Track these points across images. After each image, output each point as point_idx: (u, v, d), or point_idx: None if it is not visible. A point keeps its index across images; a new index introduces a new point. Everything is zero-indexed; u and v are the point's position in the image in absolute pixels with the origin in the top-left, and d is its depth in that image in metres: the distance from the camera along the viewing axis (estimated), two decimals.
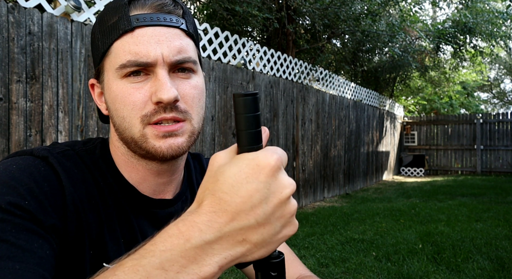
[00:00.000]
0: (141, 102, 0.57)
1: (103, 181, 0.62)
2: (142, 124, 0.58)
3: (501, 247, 3.67)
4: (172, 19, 0.59)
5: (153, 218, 0.66)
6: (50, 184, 0.54)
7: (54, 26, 2.75)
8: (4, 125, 2.48)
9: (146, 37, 0.57)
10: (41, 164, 0.56)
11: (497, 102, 23.23)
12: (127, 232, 0.62)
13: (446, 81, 15.50)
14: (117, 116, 0.60)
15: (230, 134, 4.62)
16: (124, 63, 0.57)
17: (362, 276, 3.05)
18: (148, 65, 0.57)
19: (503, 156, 10.88)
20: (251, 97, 0.40)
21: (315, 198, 6.65)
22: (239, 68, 4.78)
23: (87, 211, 0.57)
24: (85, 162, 0.62)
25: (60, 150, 0.61)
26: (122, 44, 0.57)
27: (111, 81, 0.60)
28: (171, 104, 0.57)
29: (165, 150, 0.58)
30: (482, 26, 9.44)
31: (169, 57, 0.57)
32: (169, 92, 0.56)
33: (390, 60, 10.56)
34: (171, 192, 0.69)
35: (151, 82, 0.58)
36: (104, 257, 0.58)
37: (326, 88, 7.13)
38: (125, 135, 0.60)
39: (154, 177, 0.66)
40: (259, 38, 8.64)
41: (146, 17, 0.57)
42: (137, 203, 0.65)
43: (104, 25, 0.60)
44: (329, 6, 6.54)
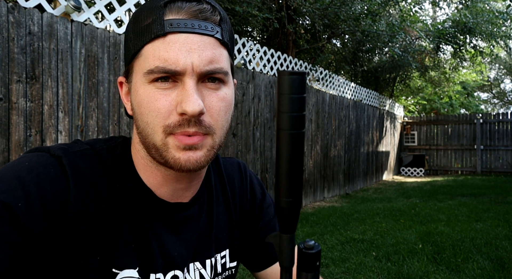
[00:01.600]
0: (166, 111, 0.56)
1: (119, 182, 0.61)
2: (165, 134, 0.56)
3: (501, 247, 3.67)
4: (207, 27, 0.57)
5: (168, 221, 0.65)
6: (54, 188, 0.53)
7: (54, 26, 2.76)
8: (4, 125, 2.48)
9: (178, 44, 0.55)
10: (53, 164, 0.56)
11: (497, 102, 23.23)
12: (140, 236, 0.61)
13: (446, 81, 15.51)
14: (141, 120, 0.58)
15: (230, 135, 4.62)
16: (152, 69, 0.55)
17: (362, 276, 3.05)
18: (176, 74, 0.55)
19: (503, 156, 10.88)
20: (299, 77, 0.37)
21: (315, 198, 6.65)
22: (239, 68, 4.78)
23: (94, 216, 0.56)
24: (104, 161, 0.61)
25: (79, 149, 0.60)
26: (153, 49, 0.56)
27: (138, 85, 0.58)
28: (195, 118, 0.55)
29: (183, 162, 0.57)
30: (482, 26, 9.44)
31: (199, 67, 0.55)
32: (194, 104, 0.54)
33: (390, 60, 10.56)
34: (189, 197, 0.68)
35: (178, 91, 0.56)
36: (113, 262, 0.57)
37: (326, 88, 7.13)
38: (148, 141, 0.58)
39: (173, 183, 0.64)
40: (259, 38, 8.64)
41: (180, 23, 0.55)
42: (153, 206, 0.63)
43: (138, 26, 0.58)
44: (329, 6, 6.54)
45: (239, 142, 4.77)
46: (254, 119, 5.06)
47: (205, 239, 0.69)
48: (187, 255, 0.66)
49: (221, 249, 0.72)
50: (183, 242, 0.66)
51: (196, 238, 0.68)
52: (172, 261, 0.64)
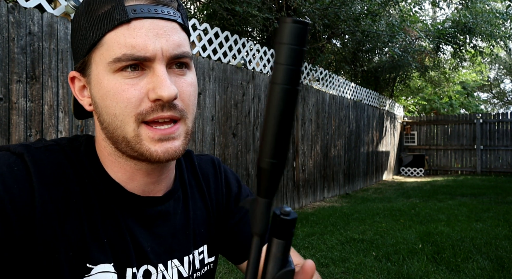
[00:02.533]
0: (137, 99, 0.54)
1: (87, 178, 0.59)
2: (137, 123, 0.54)
3: (501, 247, 3.67)
4: (169, 12, 0.56)
5: (141, 216, 0.62)
6: (20, 186, 0.51)
7: (54, 26, 2.76)
8: (4, 125, 2.48)
9: (144, 30, 0.53)
10: (15, 162, 0.53)
11: (497, 102, 23.23)
12: (113, 231, 0.59)
13: (446, 81, 15.51)
14: (107, 114, 0.55)
15: (230, 135, 4.62)
16: (119, 57, 0.53)
17: (362, 276, 3.05)
18: (146, 60, 0.53)
19: (503, 156, 10.88)
20: (301, 26, 0.33)
21: (315, 198, 6.65)
22: (239, 68, 4.78)
23: (62, 212, 0.54)
24: (70, 158, 0.59)
25: (43, 145, 0.58)
26: (117, 36, 0.53)
27: (101, 76, 0.55)
28: (170, 102, 0.54)
29: (161, 154, 0.55)
30: (482, 26, 9.44)
31: (169, 51, 0.54)
32: (169, 89, 0.53)
33: (390, 60, 10.56)
34: (161, 191, 0.66)
35: (147, 78, 0.54)
36: (86, 257, 0.55)
37: (326, 88, 7.14)
38: (116, 135, 0.56)
39: (143, 177, 0.62)
40: (259, 38, 8.64)
41: (144, 8, 0.54)
42: (124, 201, 0.61)
43: (93, 14, 0.55)
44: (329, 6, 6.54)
45: (239, 142, 4.77)
46: (254, 119, 5.06)
47: (182, 235, 0.67)
48: (162, 251, 0.64)
49: (199, 245, 0.71)
50: (157, 238, 0.64)
51: (173, 235, 0.66)
52: (144, 256, 0.62)
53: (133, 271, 0.60)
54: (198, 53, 4.22)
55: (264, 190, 0.37)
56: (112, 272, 0.57)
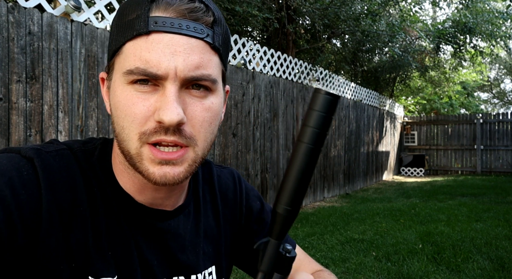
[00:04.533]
0: (143, 117, 0.51)
1: (97, 185, 0.57)
2: (140, 142, 0.52)
3: (501, 247, 3.67)
4: (196, 28, 0.51)
5: (149, 229, 0.60)
6: (28, 192, 0.50)
7: (54, 26, 2.75)
8: (4, 125, 2.48)
9: (161, 45, 0.50)
10: (25, 166, 0.52)
11: (497, 102, 23.23)
12: (118, 243, 0.57)
13: (446, 81, 15.51)
14: (117, 124, 0.54)
15: (230, 135, 4.62)
16: (132, 69, 0.50)
17: (362, 276, 3.05)
18: (158, 78, 0.50)
19: (503, 156, 10.88)
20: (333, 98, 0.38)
21: (315, 198, 6.65)
22: (239, 68, 4.78)
23: (68, 222, 0.53)
24: (80, 163, 0.57)
25: (54, 149, 0.56)
26: (134, 47, 0.50)
27: (117, 84, 0.53)
28: (174, 127, 0.50)
29: (158, 177, 0.52)
30: (482, 26, 9.44)
31: (184, 72, 0.50)
32: (172, 113, 0.49)
33: (390, 60, 10.56)
34: (170, 205, 0.63)
35: (158, 96, 0.51)
36: (89, 270, 0.54)
37: (326, 88, 7.13)
38: (123, 147, 0.54)
39: (152, 191, 0.60)
40: (259, 38, 8.64)
41: (166, 21, 0.50)
42: (132, 212, 0.59)
43: (122, 20, 0.53)
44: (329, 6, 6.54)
45: (239, 142, 4.77)
46: (254, 119, 5.06)
47: (191, 252, 0.65)
48: (168, 267, 0.62)
49: (207, 265, 0.68)
50: (164, 253, 0.62)
51: (181, 251, 0.64)
52: (149, 271, 0.60)
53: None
54: None
55: (277, 233, 0.42)
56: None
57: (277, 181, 5.52)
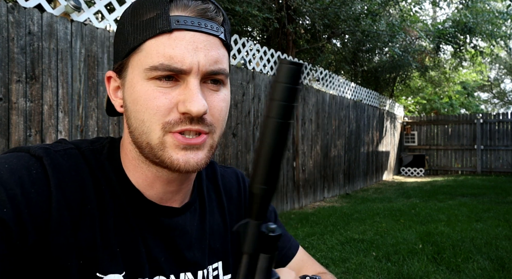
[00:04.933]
0: (166, 109, 0.54)
1: (106, 183, 0.59)
2: (163, 131, 0.54)
3: (501, 247, 3.67)
4: (213, 27, 0.56)
5: (157, 227, 0.62)
6: (38, 191, 0.51)
7: (54, 26, 2.75)
8: (4, 125, 2.48)
9: (184, 42, 0.53)
10: (34, 165, 0.53)
11: (497, 102, 23.23)
12: (126, 240, 0.58)
13: (446, 81, 15.51)
14: (135, 118, 0.56)
15: (230, 134, 4.62)
16: (156, 66, 0.53)
17: (362, 276, 3.05)
18: (182, 72, 0.53)
19: (503, 156, 10.88)
20: (296, 67, 0.37)
21: (315, 198, 6.65)
22: (239, 68, 4.78)
23: (77, 218, 0.54)
24: (89, 162, 0.59)
25: (62, 148, 0.58)
26: (157, 45, 0.53)
27: (135, 81, 0.55)
28: (198, 117, 0.54)
29: (182, 163, 0.55)
30: (482, 26, 9.44)
31: (205, 66, 0.54)
32: (199, 104, 0.53)
33: (390, 60, 10.56)
34: (178, 201, 0.65)
35: (180, 89, 0.54)
36: (97, 266, 0.55)
37: (326, 88, 7.13)
38: (141, 140, 0.56)
39: (163, 185, 0.62)
40: (259, 38, 8.64)
41: (187, 20, 0.54)
42: (141, 208, 0.61)
43: (138, 19, 0.55)
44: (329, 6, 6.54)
45: (239, 142, 4.77)
46: (254, 119, 5.06)
47: (197, 249, 0.67)
48: (176, 263, 0.64)
49: (213, 261, 0.70)
50: (172, 249, 0.63)
51: (188, 248, 0.65)
52: (158, 266, 0.61)
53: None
54: None
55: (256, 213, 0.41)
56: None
57: None
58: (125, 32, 0.57)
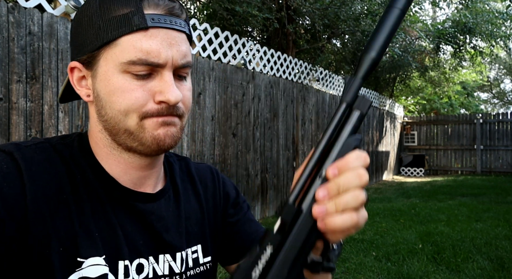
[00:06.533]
0: (143, 100, 0.59)
1: (80, 174, 0.62)
2: (139, 118, 0.59)
3: (501, 247, 3.67)
4: (181, 24, 0.61)
5: (134, 211, 0.65)
6: (10, 184, 0.54)
7: (54, 26, 2.76)
8: (4, 125, 2.48)
9: (159, 38, 0.58)
10: (4, 160, 0.55)
11: (497, 102, 23.23)
12: (104, 225, 0.61)
13: (446, 81, 15.51)
14: (112, 108, 0.60)
15: (230, 135, 4.62)
16: (134, 60, 0.57)
17: (362, 276, 3.05)
18: (158, 66, 0.58)
19: (503, 156, 10.88)
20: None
21: None
22: (239, 68, 4.78)
23: (53, 208, 0.56)
24: (62, 154, 0.62)
25: (33, 143, 0.61)
26: (134, 41, 0.57)
27: (110, 73, 0.59)
28: (174, 106, 0.60)
29: (162, 136, 0.60)
30: (482, 26, 9.44)
31: (177, 61, 0.60)
32: (176, 94, 0.58)
33: (390, 60, 10.56)
34: (151, 186, 0.69)
35: (155, 82, 0.59)
36: (76, 252, 0.57)
37: (326, 88, 7.13)
38: (117, 127, 0.60)
39: (136, 170, 0.66)
40: (259, 38, 8.64)
41: (161, 18, 0.59)
42: (116, 194, 0.64)
43: (110, 14, 0.58)
44: (329, 6, 6.55)
45: (239, 142, 4.77)
46: (254, 119, 5.06)
47: (174, 232, 0.70)
48: (154, 245, 0.67)
49: (192, 244, 0.73)
50: (150, 233, 0.67)
51: (165, 231, 0.69)
52: (136, 249, 0.64)
53: (125, 264, 0.62)
54: (198, 53, 4.22)
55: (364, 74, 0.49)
56: (103, 265, 0.59)
57: (277, 181, 5.52)
58: (95, 26, 0.59)
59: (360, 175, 0.45)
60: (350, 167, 0.46)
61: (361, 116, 0.48)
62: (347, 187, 0.45)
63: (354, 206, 0.45)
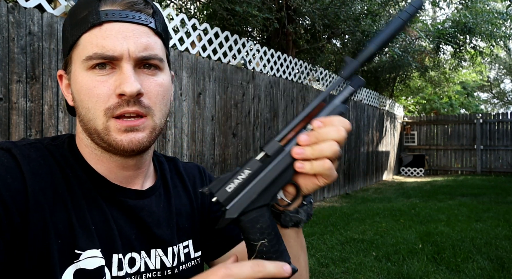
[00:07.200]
0: (105, 95, 0.59)
1: (71, 171, 0.63)
2: (106, 117, 0.59)
3: (501, 247, 3.67)
4: (141, 17, 0.61)
5: (125, 207, 0.66)
6: (13, 176, 0.55)
7: (54, 26, 2.76)
8: (4, 125, 2.48)
9: (114, 32, 0.59)
10: (5, 155, 0.57)
11: (497, 102, 23.23)
12: (99, 219, 0.62)
13: (446, 81, 15.51)
14: (82, 107, 0.61)
15: (230, 134, 4.62)
16: (91, 55, 0.58)
17: (362, 276, 3.05)
18: (114, 59, 0.59)
19: (503, 156, 10.88)
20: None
21: (315, 198, 6.65)
22: (239, 68, 4.78)
23: (51, 202, 0.58)
24: (54, 155, 0.63)
25: (27, 143, 0.62)
26: (90, 37, 0.59)
27: (77, 73, 0.61)
28: (134, 98, 0.59)
29: (125, 143, 0.60)
30: (482, 26, 9.44)
31: (135, 52, 0.59)
32: (132, 85, 0.57)
33: (390, 60, 10.56)
34: (139, 184, 0.70)
35: (116, 76, 0.59)
36: (74, 244, 0.58)
37: (326, 88, 7.12)
38: (89, 127, 0.61)
39: (120, 170, 0.67)
40: (259, 38, 8.64)
41: (115, 13, 0.59)
42: (107, 191, 0.65)
43: (75, 19, 0.61)
44: (329, 6, 6.55)
45: (239, 141, 4.77)
46: (254, 119, 5.06)
47: (166, 227, 0.71)
48: (145, 240, 0.68)
49: (183, 239, 0.75)
50: (141, 228, 0.68)
51: (157, 226, 0.70)
52: (129, 243, 0.65)
53: (119, 257, 0.63)
54: (198, 53, 4.22)
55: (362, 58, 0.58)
56: (100, 257, 0.61)
57: None
58: (66, 32, 0.63)
59: (339, 130, 0.53)
60: (332, 124, 0.54)
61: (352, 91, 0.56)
62: (325, 137, 0.53)
63: (328, 155, 0.53)
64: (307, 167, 0.54)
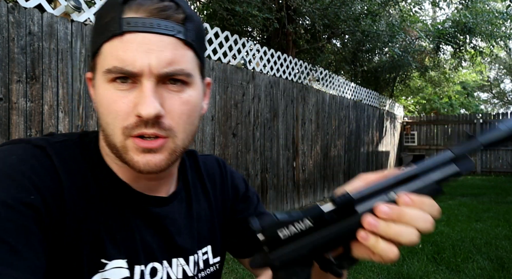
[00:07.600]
0: (124, 113, 0.54)
1: (101, 175, 0.61)
2: (124, 135, 0.55)
3: (501, 247, 3.67)
4: (167, 26, 0.53)
5: (148, 215, 0.64)
6: (51, 177, 0.54)
7: (54, 26, 2.76)
8: (4, 125, 2.48)
9: (135, 44, 0.52)
10: (40, 154, 0.55)
11: (497, 102, 23.23)
12: (123, 228, 0.60)
13: (446, 81, 15.51)
14: (102, 120, 0.57)
15: (230, 135, 4.62)
16: (110, 69, 0.53)
17: (362, 276, 3.05)
18: (134, 75, 0.53)
19: (503, 156, 10.88)
20: None
21: (315, 198, 6.65)
22: (239, 68, 4.78)
23: (83, 204, 0.56)
24: (84, 156, 0.61)
25: (59, 140, 0.60)
26: (111, 48, 0.54)
27: (99, 83, 0.56)
28: (153, 120, 0.53)
29: (141, 165, 0.55)
30: (482, 26, 9.44)
31: (157, 69, 0.53)
32: (149, 107, 0.52)
33: (390, 60, 10.56)
34: (164, 191, 0.67)
35: (136, 93, 0.54)
36: (102, 252, 0.56)
37: (326, 88, 7.13)
38: (109, 140, 0.57)
39: (143, 180, 0.64)
40: (259, 38, 8.64)
41: (138, 21, 0.52)
42: (131, 199, 0.63)
43: (98, 23, 0.56)
44: (329, 6, 6.55)
45: (239, 142, 4.77)
46: (254, 119, 5.06)
47: (187, 235, 0.69)
48: (167, 249, 0.66)
49: (202, 245, 0.72)
50: (163, 236, 0.65)
51: (178, 234, 0.67)
52: (151, 253, 0.63)
53: (141, 269, 0.61)
54: None
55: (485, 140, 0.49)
56: (125, 268, 0.59)
57: (277, 181, 5.52)
58: (92, 36, 0.59)
59: (426, 219, 0.44)
60: (423, 207, 0.45)
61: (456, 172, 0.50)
62: (409, 221, 0.44)
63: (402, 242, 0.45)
64: (371, 242, 0.46)
